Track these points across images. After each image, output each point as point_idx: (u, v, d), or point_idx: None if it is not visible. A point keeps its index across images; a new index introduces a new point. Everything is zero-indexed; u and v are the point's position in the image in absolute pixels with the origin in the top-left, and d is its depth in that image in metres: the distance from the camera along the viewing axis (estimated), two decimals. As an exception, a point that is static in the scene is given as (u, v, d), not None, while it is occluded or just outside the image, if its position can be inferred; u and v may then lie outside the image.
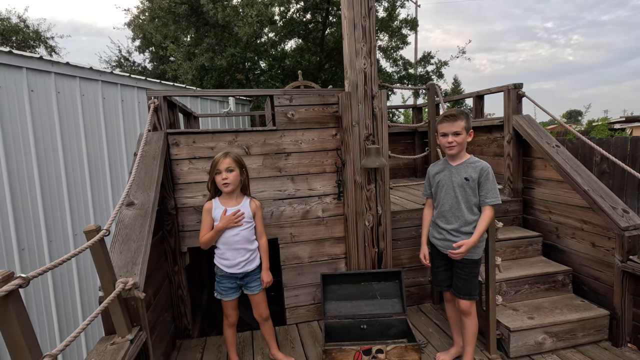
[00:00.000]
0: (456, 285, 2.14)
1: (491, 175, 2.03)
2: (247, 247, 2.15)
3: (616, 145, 5.06)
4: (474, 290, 2.10)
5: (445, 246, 2.13)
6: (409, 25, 11.40)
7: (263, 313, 2.26)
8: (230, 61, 9.49)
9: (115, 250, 1.82)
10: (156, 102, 2.56)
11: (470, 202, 2.05)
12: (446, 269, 2.20)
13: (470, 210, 2.05)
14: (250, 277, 2.18)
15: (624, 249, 2.33)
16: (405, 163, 5.28)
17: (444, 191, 2.12)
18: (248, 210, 2.16)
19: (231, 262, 2.12)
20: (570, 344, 2.40)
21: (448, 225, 2.10)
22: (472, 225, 2.05)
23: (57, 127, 3.76)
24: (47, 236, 3.63)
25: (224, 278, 2.15)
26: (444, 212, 2.12)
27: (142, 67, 14.53)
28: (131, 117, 4.86)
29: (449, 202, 2.10)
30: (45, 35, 14.07)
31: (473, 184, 2.03)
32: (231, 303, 2.19)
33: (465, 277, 2.09)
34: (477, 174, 2.02)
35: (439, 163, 2.23)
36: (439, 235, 2.17)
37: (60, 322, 3.71)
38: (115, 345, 1.48)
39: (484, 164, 2.05)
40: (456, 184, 2.07)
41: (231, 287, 2.16)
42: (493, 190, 2.02)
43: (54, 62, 3.77)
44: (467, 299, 2.10)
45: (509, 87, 3.28)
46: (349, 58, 2.68)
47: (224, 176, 2.07)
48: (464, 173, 2.06)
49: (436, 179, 2.18)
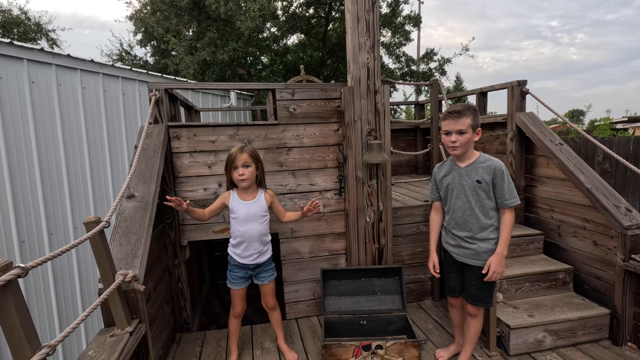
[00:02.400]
0: (468, 292, 2.03)
1: (506, 175, 1.86)
2: (260, 241, 2.19)
3: (619, 145, 5.04)
4: (488, 297, 2.01)
5: (461, 254, 1.99)
6: (412, 21, 11.34)
7: (269, 302, 2.31)
8: (232, 56, 9.46)
9: (115, 242, 1.81)
10: (157, 95, 2.55)
11: (485, 206, 1.89)
12: (458, 276, 2.08)
13: (486, 215, 1.89)
14: (262, 268, 2.23)
15: (626, 248, 2.32)
16: (406, 160, 5.26)
17: (454, 196, 1.95)
18: (263, 204, 2.19)
19: (244, 254, 2.16)
20: (570, 342, 2.39)
21: (462, 232, 1.95)
22: (489, 230, 1.90)
23: (57, 119, 3.75)
24: (48, 228, 3.63)
25: (235, 267, 2.19)
26: (457, 219, 1.96)
27: (143, 61, 14.49)
28: (132, 111, 4.85)
29: (461, 208, 1.93)
30: (47, 28, 14.03)
31: (486, 187, 1.86)
32: (240, 292, 2.22)
33: (478, 284, 1.97)
34: (490, 175, 1.85)
35: (446, 164, 2.05)
36: (454, 242, 2.02)
37: (60, 314, 3.72)
38: (114, 338, 1.48)
39: (497, 163, 1.87)
40: (467, 188, 1.90)
41: (242, 277, 2.20)
42: (510, 190, 1.86)
43: (55, 54, 3.75)
44: (480, 305, 2.01)
45: (512, 84, 3.26)
46: (352, 52, 2.66)
47: (241, 172, 2.09)
48: (475, 175, 1.88)
49: (444, 182, 2.01)
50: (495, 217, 1.93)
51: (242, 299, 2.25)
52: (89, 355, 1.36)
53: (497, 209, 1.93)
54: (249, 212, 2.13)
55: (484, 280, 1.95)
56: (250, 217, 2.13)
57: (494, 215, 1.92)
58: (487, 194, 1.89)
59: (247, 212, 2.13)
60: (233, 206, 2.15)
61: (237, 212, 2.13)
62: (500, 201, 1.89)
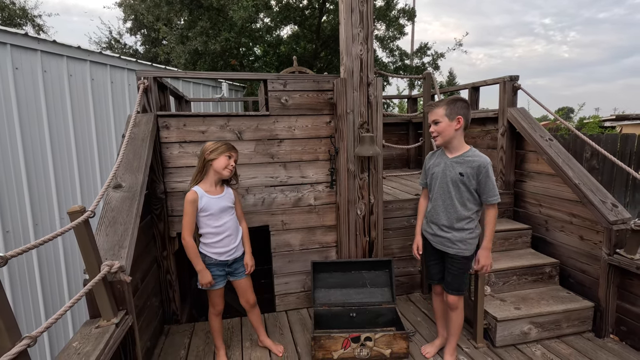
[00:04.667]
0: (446, 280, 2.12)
1: (491, 172, 1.93)
2: (236, 234, 2.17)
3: (607, 142, 5.12)
4: (462, 285, 2.08)
5: (438, 242, 2.08)
6: (406, 15, 11.27)
7: (250, 299, 2.26)
8: (224, 46, 9.30)
9: (102, 233, 1.78)
10: (146, 83, 2.49)
11: (464, 198, 1.96)
12: (438, 263, 2.16)
13: (464, 206, 1.97)
14: (238, 263, 2.19)
15: (611, 243, 2.36)
16: (398, 154, 5.27)
17: (437, 185, 2.04)
18: (232, 197, 2.16)
19: (224, 250, 2.10)
20: (554, 334, 2.44)
21: (440, 220, 2.03)
22: (465, 222, 1.98)
23: (43, 107, 3.65)
24: (33, 219, 3.56)
25: (212, 266, 2.11)
26: (437, 207, 2.05)
27: (133, 49, 14.18)
28: (121, 100, 4.74)
29: (441, 197, 2.02)
30: (33, 13, 13.61)
31: (468, 181, 1.93)
32: (219, 291, 2.17)
33: (455, 272, 2.06)
34: (474, 171, 1.92)
35: (437, 153, 2.12)
36: (430, 230, 2.11)
37: (46, 305, 3.66)
38: (100, 329, 1.45)
39: (483, 160, 1.92)
40: (450, 179, 1.98)
41: (220, 275, 2.14)
42: (494, 188, 1.93)
43: (40, 39, 3.63)
44: (454, 294, 2.08)
45: (504, 79, 3.27)
46: (345, 44, 2.63)
47: (233, 163, 2.08)
48: (459, 168, 1.95)
49: (431, 170, 2.10)
50: (473, 210, 1.99)
51: (222, 297, 2.20)
52: (74, 347, 1.34)
53: (475, 202, 1.99)
54: (221, 206, 2.08)
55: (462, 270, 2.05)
56: (223, 210, 2.09)
57: (472, 208, 1.99)
58: (468, 187, 1.95)
59: (219, 206, 2.07)
60: (205, 203, 2.04)
61: (211, 208, 2.05)
62: (484, 197, 1.95)
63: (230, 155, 2.08)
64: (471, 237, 2.01)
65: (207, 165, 2.07)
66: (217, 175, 2.08)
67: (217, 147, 2.06)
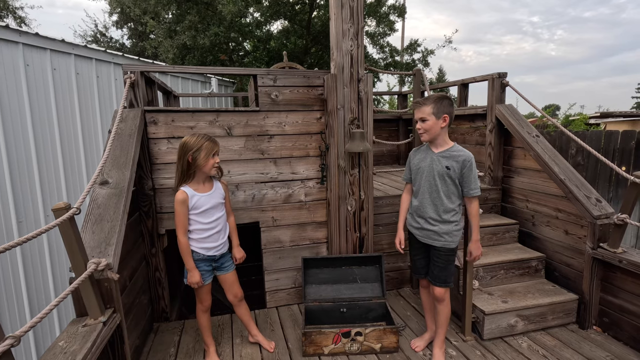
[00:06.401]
0: (432, 273, 2.14)
1: (474, 166, 2.02)
2: (225, 228, 2.17)
3: (591, 139, 5.23)
4: (449, 277, 2.12)
5: (424, 235, 2.12)
6: (397, 11, 11.28)
7: (238, 293, 2.24)
8: (213, 41, 9.17)
9: (88, 230, 1.75)
10: (133, 77, 2.44)
11: (450, 190, 2.04)
12: (423, 257, 2.20)
13: (449, 199, 2.04)
14: (225, 257, 2.19)
15: (595, 237, 2.42)
16: (388, 150, 5.29)
17: (424, 178, 2.09)
18: (222, 192, 2.14)
19: (212, 245, 2.08)
20: (540, 327, 2.50)
21: (427, 213, 2.08)
22: (451, 214, 2.05)
23: (26, 101, 3.55)
24: (17, 216, 3.47)
25: (201, 262, 2.09)
26: (423, 200, 2.09)
27: (120, 43, 13.88)
28: (107, 95, 4.64)
29: (428, 190, 2.07)
30: (14, 5, 13.21)
31: (454, 174, 2.01)
32: (207, 287, 2.16)
33: (441, 264, 2.10)
34: (459, 164, 2.00)
35: (422, 149, 2.18)
36: (416, 224, 2.15)
37: (31, 304, 3.59)
38: (87, 328, 1.43)
39: (467, 155, 2.02)
40: (437, 173, 2.04)
41: (208, 271, 2.12)
42: (476, 181, 2.03)
43: (22, 32, 3.52)
44: (442, 286, 2.11)
45: (493, 76, 3.30)
46: (335, 39, 2.62)
47: (218, 160, 2.04)
48: (445, 162, 2.02)
49: (417, 165, 2.15)
50: (457, 203, 2.07)
51: (210, 293, 2.19)
52: (60, 346, 1.32)
53: (458, 195, 2.07)
54: (212, 203, 2.06)
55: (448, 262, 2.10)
56: (214, 207, 2.07)
57: (456, 201, 2.07)
58: (453, 180, 2.03)
59: (211, 204, 2.05)
60: (195, 202, 2.00)
61: (202, 205, 2.02)
62: (467, 190, 2.04)
63: (215, 153, 2.02)
64: (456, 229, 2.08)
65: (192, 166, 1.98)
66: (204, 175, 2.05)
67: (200, 146, 1.95)
